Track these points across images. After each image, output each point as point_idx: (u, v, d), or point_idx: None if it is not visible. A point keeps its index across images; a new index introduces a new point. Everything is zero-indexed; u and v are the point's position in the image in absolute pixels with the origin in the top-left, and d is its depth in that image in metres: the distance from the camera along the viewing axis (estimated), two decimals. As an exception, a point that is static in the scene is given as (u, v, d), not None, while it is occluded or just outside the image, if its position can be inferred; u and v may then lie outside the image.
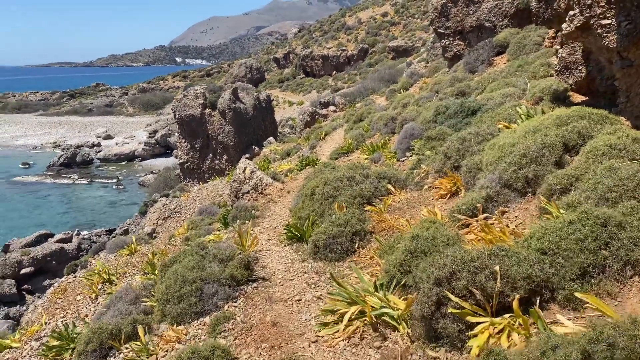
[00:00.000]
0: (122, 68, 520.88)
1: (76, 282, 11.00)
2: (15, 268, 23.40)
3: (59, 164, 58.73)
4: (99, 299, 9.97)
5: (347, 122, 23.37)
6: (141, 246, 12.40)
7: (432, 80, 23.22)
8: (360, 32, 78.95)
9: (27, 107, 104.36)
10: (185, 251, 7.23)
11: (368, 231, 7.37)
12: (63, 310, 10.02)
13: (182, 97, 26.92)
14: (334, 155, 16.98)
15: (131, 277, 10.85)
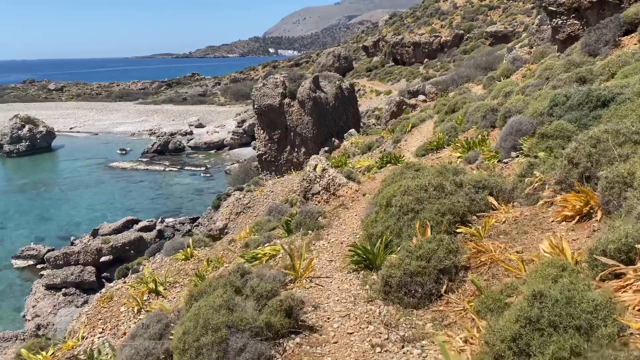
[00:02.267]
0: (218, 59, 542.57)
1: (123, 289, 9.92)
2: (96, 256, 23.68)
3: (152, 151, 60.96)
4: (142, 313, 8.74)
5: (437, 113, 20.97)
6: (198, 250, 11.17)
7: (540, 66, 20.16)
8: (456, 18, 74.51)
9: (128, 95, 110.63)
10: (217, 280, 5.66)
11: (461, 266, 5.35)
12: (104, 323, 8.92)
13: (261, 86, 25.83)
14: (421, 152, 14.83)
15: (181, 288, 9.57)
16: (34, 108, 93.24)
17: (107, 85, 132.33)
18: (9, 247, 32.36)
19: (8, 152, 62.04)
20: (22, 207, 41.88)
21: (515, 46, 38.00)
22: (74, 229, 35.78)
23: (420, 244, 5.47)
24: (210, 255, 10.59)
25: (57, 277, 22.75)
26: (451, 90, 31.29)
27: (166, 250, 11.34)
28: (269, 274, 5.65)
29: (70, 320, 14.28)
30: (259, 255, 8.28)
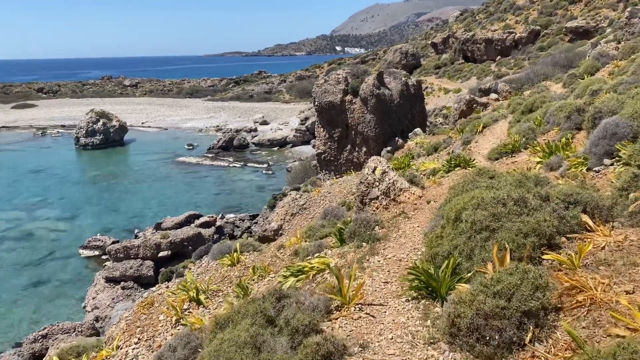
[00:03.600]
0: (286, 57, 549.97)
1: (165, 295, 9.34)
2: (155, 250, 23.79)
3: (217, 147, 61.92)
4: (180, 324, 8.08)
5: (512, 112, 19.24)
6: (245, 255, 10.44)
7: (634, 61, 18.00)
8: (532, 13, 70.45)
9: (198, 92, 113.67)
10: (248, 305, 4.79)
11: (551, 307, 4.17)
12: (141, 332, 8.34)
13: (322, 82, 24.97)
14: (494, 155, 13.40)
15: (223, 297, 8.84)
16: (109, 103, 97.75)
17: (179, 82, 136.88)
18: (78, 236, 33.54)
19: (83, 145, 65.11)
20: (93, 198, 43.52)
21: (600, 42, 35.00)
22: (140, 221, 36.61)
23: (498, 276, 4.33)
24: (257, 263, 9.82)
25: (117, 270, 23.06)
26: (526, 89, 29.12)
27: (213, 254, 10.71)
28: (309, 302, 4.72)
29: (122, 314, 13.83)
30: (306, 269, 7.37)
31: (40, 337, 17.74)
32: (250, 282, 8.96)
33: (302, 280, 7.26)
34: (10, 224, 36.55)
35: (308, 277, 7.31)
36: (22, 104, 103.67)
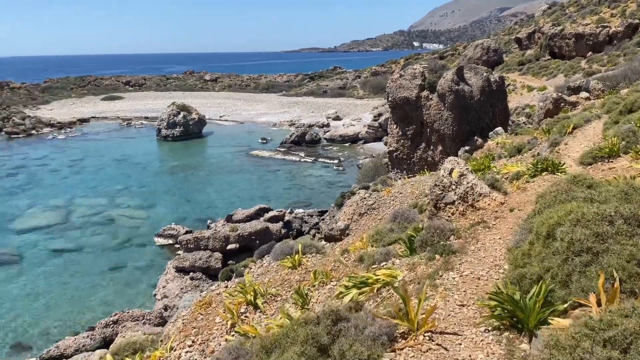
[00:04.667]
0: (362, 53, 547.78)
1: (223, 296, 8.99)
2: (223, 243, 23.99)
3: (290, 142, 62.30)
4: (234, 330, 7.65)
5: (607, 112, 17.42)
6: (307, 258, 9.90)
7: None
8: (630, 5, 64.87)
9: (273, 87, 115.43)
10: (296, 330, 4.19)
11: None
12: (196, 334, 8.02)
13: (397, 77, 23.95)
14: (587, 159, 12.01)
15: (281, 303, 8.34)
16: (190, 97, 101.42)
17: (256, 78, 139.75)
18: (154, 224, 34.74)
19: (164, 136, 67.85)
20: (170, 187, 45.06)
21: None
22: (213, 212, 37.34)
23: (610, 317, 3.44)
24: (319, 267, 9.24)
25: (187, 261, 23.46)
26: (622, 87, 26.57)
27: (275, 254, 10.27)
28: (369, 331, 4.04)
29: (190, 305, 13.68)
30: (370, 281, 6.68)
31: (111, 322, 18.30)
32: (311, 288, 8.39)
33: (365, 293, 6.58)
34: (94, 209, 38.55)
35: (372, 291, 6.62)
36: (111, 96, 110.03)
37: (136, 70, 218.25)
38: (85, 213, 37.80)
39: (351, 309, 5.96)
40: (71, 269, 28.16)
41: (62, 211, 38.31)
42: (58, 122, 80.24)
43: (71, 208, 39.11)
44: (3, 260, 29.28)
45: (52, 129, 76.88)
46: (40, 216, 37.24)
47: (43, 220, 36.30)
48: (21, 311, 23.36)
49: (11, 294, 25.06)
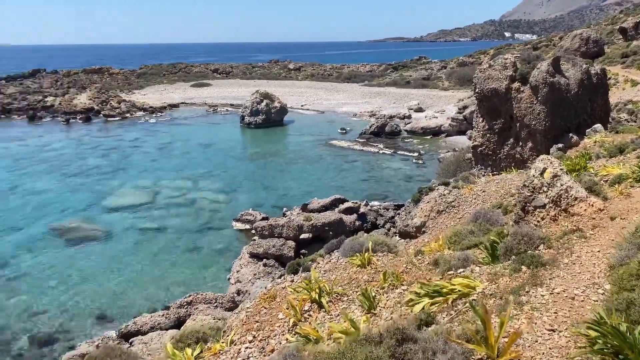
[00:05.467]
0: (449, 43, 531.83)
1: (288, 290, 8.66)
2: (297, 232, 23.92)
3: (369, 132, 61.50)
4: (296, 331, 7.29)
5: None
6: (378, 257, 9.32)
7: None
8: None
9: (356, 77, 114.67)
10: (354, 350, 3.67)
11: None
12: (258, 330, 7.75)
13: (486, 68, 22.43)
14: None
15: (347, 304, 7.86)
16: (274, 85, 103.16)
17: (338, 67, 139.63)
18: (233, 209, 35.58)
19: (247, 123, 69.50)
20: (250, 174, 46.02)
21: None
22: (289, 200, 37.63)
23: None
24: (390, 267, 8.65)
25: (261, 247, 23.67)
26: None
27: (344, 250, 9.79)
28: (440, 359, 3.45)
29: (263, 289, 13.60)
30: (444, 291, 6.01)
31: (185, 303, 18.80)
32: (379, 290, 7.84)
33: (438, 304, 5.93)
34: (178, 192, 40.16)
35: (446, 302, 5.96)
36: (199, 83, 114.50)
37: (224, 59, 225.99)
38: (169, 194, 39.49)
39: (421, 321, 5.36)
40: (153, 247, 29.46)
41: (149, 192, 40.26)
42: (150, 107, 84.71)
43: (157, 189, 41.00)
44: (94, 235, 31.22)
45: (145, 113, 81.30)
46: (129, 195, 39.38)
47: (131, 199, 38.36)
48: (106, 285, 24.74)
49: (99, 268, 26.63)
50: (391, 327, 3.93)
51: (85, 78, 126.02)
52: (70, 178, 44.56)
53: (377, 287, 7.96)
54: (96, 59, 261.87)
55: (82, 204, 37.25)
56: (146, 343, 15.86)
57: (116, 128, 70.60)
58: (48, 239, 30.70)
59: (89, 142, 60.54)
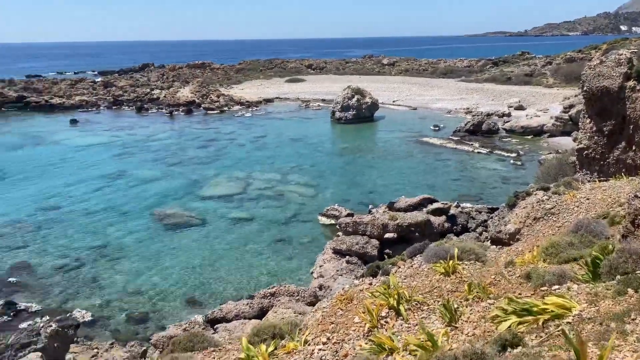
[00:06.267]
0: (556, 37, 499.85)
1: (366, 294, 8.39)
2: (381, 230, 23.50)
3: (464, 130, 59.30)
4: (370, 338, 7.02)
5: None
6: (464, 265, 8.75)
7: None
8: None
9: (452, 72, 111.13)
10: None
11: None
12: (332, 332, 7.57)
13: (597, 64, 20.45)
14: None
15: (427, 314, 7.44)
16: (366, 81, 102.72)
17: (434, 62, 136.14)
18: (319, 203, 35.87)
19: (338, 119, 69.79)
20: (338, 169, 46.14)
21: None
22: (375, 197, 37.23)
23: None
24: (477, 278, 8.08)
25: (344, 244, 23.54)
26: None
27: (427, 255, 9.32)
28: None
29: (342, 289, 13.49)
30: (535, 310, 5.43)
31: (269, 294, 19.15)
32: (463, 302, 7.34)
33: (527, 324, 5.37)
34: (268, 184, 41.21)
35: (536, 322, 5.38)
36: (294, 79, 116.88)
37: (319, 54, 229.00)
38: (260, 186, 40.64)
39: (506, 342, 4.87)
40: (243, 236, 30.44)
41: (242, 183, 41.70)
42: (247, 101, 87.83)
43: (249, 180, 42.36)
44: (189, 222, 32.88)
45: (241, 107, 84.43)
46: (223, 185, 41.06)
47: (225, 189, 39.96)
48: (197, 270, 25.93)
49: (191, 253, 27.99)
50: (468, 351, 3.55)
51: (188, 72, 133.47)
52: (171, 167, 47.34)
53: (461, 298, 7.46)
54: (199, 54, 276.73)
55: (180, 192, 39.41)
56: (230, 331, 16.31)
57: (214, 121, 73.98)
58: (148, 223, 32.81)
59: (189, 134, 63.96)
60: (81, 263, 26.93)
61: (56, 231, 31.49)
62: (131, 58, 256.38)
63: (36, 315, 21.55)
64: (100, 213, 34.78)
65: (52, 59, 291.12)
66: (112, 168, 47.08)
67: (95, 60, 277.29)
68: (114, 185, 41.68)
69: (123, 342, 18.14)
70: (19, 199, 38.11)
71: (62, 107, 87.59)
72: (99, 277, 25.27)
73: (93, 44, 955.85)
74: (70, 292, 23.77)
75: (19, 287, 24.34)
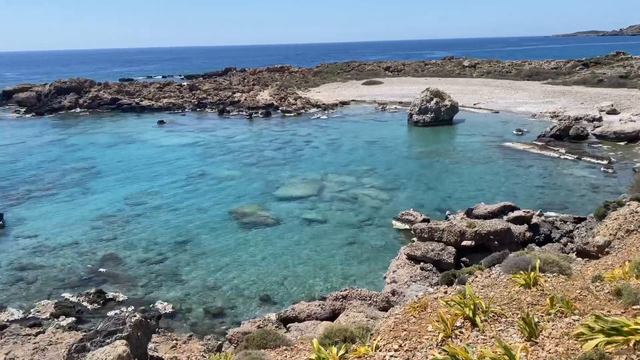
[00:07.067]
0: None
1: (440, 302, 8.16)
2: (458, 238, 22.77)
3: (549, 135, 56.33)
4: (443, 348, 6.81)
5: None
6: (546, 277, 8.26)
7: None
8: None
9: (537, 74, 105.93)
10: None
11: None
12: (405, 339, 7.43)
13: None
14: None
15: (505, 327, 7.11)
16: (445, 83, 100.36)
17: (519, 64, 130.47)
18: (393, 207, 35.47)
19: (415, 122, 68.70)
20: (413, 173, 45.38)
21: None
22: (452, 203, 36.27)
23: None
24: (560, 292, 7.61)
25: (419, 250, 23.06)
26: None
27: (507, 265, 8.89)
28: None
29: (415, 296, 13.31)
30: (625, 330, 5.02)
31: (341, 296, 19.15)
32: (544, 316, 6.94)
33: (616, 345, 4.97)
34: (342, 186, 41.33)
35: (626, 343, 4.97)
36: (371, 81, 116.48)
37: (397, 56, 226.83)
38: (334, 188, 40.85)
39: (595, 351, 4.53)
40: (316, 238, 30.73)
41: (316, 184, 42.13)
42: (323, 104, 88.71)
43: (323, 183, 42.71)
44: (265, 221, 33.69)
45: (318, 110, 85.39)
46: (298, 187, 41.70)
47: (299, 190, 40.56)
48: (271, 268, 26.49)
49: (266, 252, 28.65)
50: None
51: (268, 76, 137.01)
52: (249, 167, 48.78)
53: (542, 312, 7.05)
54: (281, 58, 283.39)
55: (256, 192, 40.50)
56: (302, 330, 16.49)
57: (291, 123, 75.35)
58: (226, 221, 33.99)
59: (266, 136, 65.60)
60: (164, 257, 28.39)
61: (142, 225, 33.43)
62: (215, 62, 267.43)
63: (122, 305, 22.97)
64: (183, 210, 36.51)
65: (144, 64, 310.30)
66: (195, 167, 49.28)
67: (181, 64, 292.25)
68: (195, 183, 43.60)
69: (200, 335, 18.90)
70: (111, 194, 40.87)
71: (151, 109, 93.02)
72: (179, 271, 26.50)
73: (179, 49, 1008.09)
74: (153, 284, 25.12)
75: (108, 277, 26.06)
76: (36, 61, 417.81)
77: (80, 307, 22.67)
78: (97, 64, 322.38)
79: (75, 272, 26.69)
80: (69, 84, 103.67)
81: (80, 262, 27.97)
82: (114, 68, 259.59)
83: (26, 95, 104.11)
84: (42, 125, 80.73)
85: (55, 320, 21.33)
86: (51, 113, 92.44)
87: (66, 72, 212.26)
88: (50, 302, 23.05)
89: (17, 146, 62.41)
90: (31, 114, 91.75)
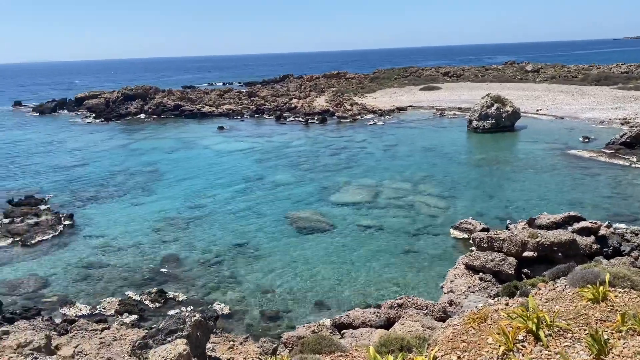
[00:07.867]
0: None
1: (501, 315, 7.91)
2: (519, 248, 21.94)
3: (619, 142, 53.40)
4: (511, 355, 6.61)
5: None
6: (617, 293, 7.80)
7: None
8: None
9: (606, 79, 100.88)
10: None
11: None
12: (463, 350, 7.26)
13: None
14: None
15: (571, 343, 6.79)
16: (507, 88, 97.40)
17: (585, 68, 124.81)
18: (451, 216, 34.74)
19: (474, 128, 67.05)
20: (473, 180, 44.25)
21: None
22: (513, 212, 35.11)
23: None
24: (633, 308, 7.19)
25: (478, 260, 22.41)
26: None
27: (573, 278, 8.48)
28: None
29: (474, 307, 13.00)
30: None
31: (396, 305, 18.91)
32: (614, 333, 6.58)
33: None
34: (398, 193, 40.91)
35: None
36: (429, 87, 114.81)
37: (456, 62, 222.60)
38: (389, 195, 40.49)
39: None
40: (371, 244, 30.55)
41: (371, 191, 41.93)
42: (379, 110, 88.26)
43: (379, 189, 42.44)
44: (320, 227, 33.85)
45: (374, 116, 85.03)
46: (353, 193, 41.65)
47: (355, 197, 40.49)
48: (326, 274, 26.56)
49: (321, 257, 28.77)
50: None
51: (324, 82, 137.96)
52: (304, 172, 49.22)
53: (612, 329, 6.69)
54: (339, 65, 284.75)
55: (312, 197, 40.79)
56: (356, 337, 16.41)
57: (347, 129, 75.44)
58: (282, 226, 34.43)
59: (322, 142, 65.98)
60: (222, 259, 29.10)
61: (202, 228, 34.44)
62: (273, 69, 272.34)
63: (182, 305, 23.73)
64: (240, 213, 37.32)
65: (207, 71, 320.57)
66: (252, 172, 50.29)
67: (241, 71, 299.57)
68: (252, 188, 44.46)
69: (256, 337, 19.20)
70: (173, 197, 42.39)
71: (211, 115, 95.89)
72: (236, 273, 27.08)
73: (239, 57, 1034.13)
74: (211, 286, 25.79)
75: (169, 277, 27.00)
76: (105, 70, 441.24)
77: (143, 305, 23.61)
78: (162, 72, 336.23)
79: (138, 272, 27.83)
80: (135, 91, 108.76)
81: (142, 261, 29.15)
82: (176, 76, 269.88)
83: (96, 101, 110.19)
84: (110, 130, 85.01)
85: (119, 317, 22.32)
86: (118, 119, 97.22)
87: (132, 79, 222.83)
88: (114, 300, 24.17)
89: (87, 150, 66.04)
90: (100, 119, 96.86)
